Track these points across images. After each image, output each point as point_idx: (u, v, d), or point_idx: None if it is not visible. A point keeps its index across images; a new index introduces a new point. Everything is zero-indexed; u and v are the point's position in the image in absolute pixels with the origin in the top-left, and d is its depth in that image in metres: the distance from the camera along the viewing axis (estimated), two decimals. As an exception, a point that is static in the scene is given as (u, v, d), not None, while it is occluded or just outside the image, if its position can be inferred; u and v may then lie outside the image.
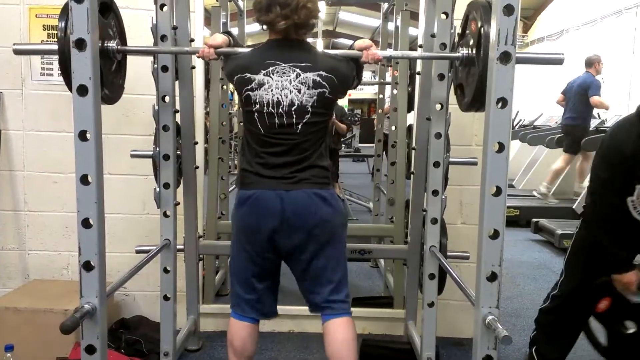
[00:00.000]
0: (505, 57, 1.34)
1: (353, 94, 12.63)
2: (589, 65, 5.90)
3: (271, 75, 1.72)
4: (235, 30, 3.95)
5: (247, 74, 1.73)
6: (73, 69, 1.41)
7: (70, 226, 2.79)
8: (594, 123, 6.15)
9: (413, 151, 2.42)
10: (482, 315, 1.42)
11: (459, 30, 1.89)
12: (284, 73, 1.71)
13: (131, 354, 2.34)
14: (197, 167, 2.40)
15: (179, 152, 2.24)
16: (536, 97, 9.42)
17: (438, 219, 2.21)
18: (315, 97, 1.72)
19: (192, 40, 2.28)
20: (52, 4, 2.68)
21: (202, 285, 2.83)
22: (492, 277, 1.42)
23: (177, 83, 2.21)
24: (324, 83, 1.73)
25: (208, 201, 3.18)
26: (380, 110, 4.29)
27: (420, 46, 2.33)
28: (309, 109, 1.73)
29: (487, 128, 1.39)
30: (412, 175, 2.43)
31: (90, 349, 1.46)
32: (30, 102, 2.74)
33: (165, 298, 2.18)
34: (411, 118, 3.13)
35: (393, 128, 3.44)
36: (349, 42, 1.92)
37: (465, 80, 1.81)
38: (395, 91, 3.45)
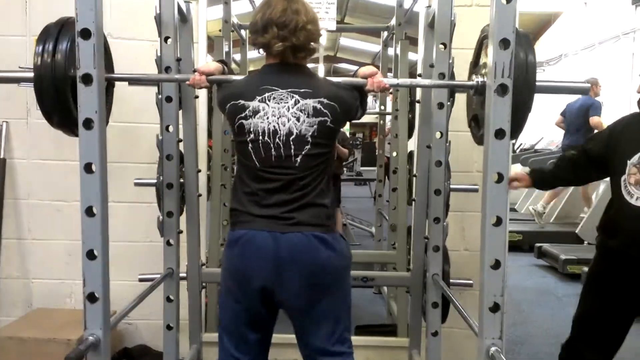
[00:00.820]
0: (502, 90, 1.36)
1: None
2: None
3: (267, 101, 1.57)
4: (238, 57, 4.01)
5: (240, 101, 1.59)
6: (80, 103, 1.43)
7: (74, 254, 2.80)
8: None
9: (414, 178, 2.44)
10: (486, 347, 1.42)
11: (470, 58, 1.82)
12: (282, 99, 1.57)
13: (133, 384, 2.33)
14: (200, 195, 2.42)
15: (182, 180, 2.26)
16: (536, 121, 9.47)
17: (440, 246, 2.21)
18: (315, 127, 1.57)
19: (195, 70, 2.32)
20: (58, 36, 2.73)
21: (204, 314, 2.82)
22: (495, 308, 1.42)
23: (180, 112, 2.24)
24: (325, 111, 1.58)
25: (210, 228, 3.19)
26: (381, 136, 4.32)
27: (419, 75, 2.36)
28: (309, 139, 1.57)
29: (485, 159, 1.41)
30: (413, 202, 2.44)
31: (94, 381, 1.45)
32: (35, 131, 2.78)
33: (168, 327, 2.17)
34: (412, 144, 3.16)
35: (394, 154, 3.47)
36: (351, 67, 1.88)
37: (481, 110, 1.65)
38: (396, 117, 3.49)
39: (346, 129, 11.61)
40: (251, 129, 1.58)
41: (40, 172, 2.79)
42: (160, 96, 2.12)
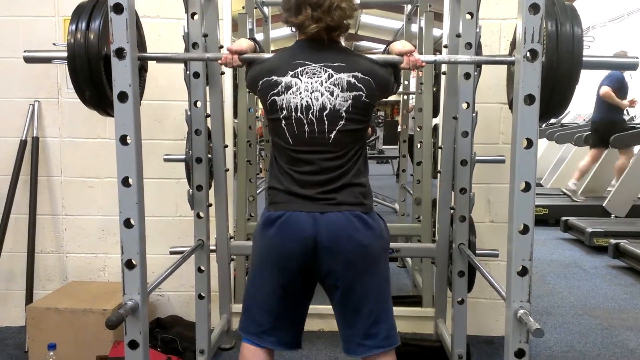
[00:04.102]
0: (532, 55, 1.36)
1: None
2: None
3: (300, 76, 1.52)
4: (260, 36, 4.02)
5: (273, 77, 1.54)
6: (114, 77, 1.47)
7: (107, 229, 2.88)
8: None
9: (439, 150, 2.44)
10: (514, 310, 1.44)
11: (497, 28, 1.73)
12: (315, 74, 1.52)
13: (168, 352, 2.41)
14: (227, 170, 2.47)
15: (210, 156, 2.30)
16: (562, 95, 9.30)
17: (466, 216, 2.23)
18: (350, 101, 1.51)
19: (222, 46, 2.35)
20: (86, 15, 2.78)
21: (233, 286, 2.89)
22: (523, 272, 1.44)
23: (207, 89, 2.28)
24: (359, 85, 1.52)
25: (237, 203, 3.24)
26: (404, 111, 4.30)
27: (445, 46, 2.35)
28: (343, 114, 1.52)
29: (515, 125, 1.42)
30: (438, 174, 2.45)
31: (133, 344, 1.52)
32: (66, 110, 2.85)
33: (200, 297, 2.24)
34: (435, 120, 3.16)
35: (418, 129, 3.46)
36: (372, 45, 1.80)
37: None
38: (420, 91, 3.47)
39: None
40: (284, 106, 1.53)
41: (72, 149, 2.86)
42: (188, 72, 2.16)
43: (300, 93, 1.52)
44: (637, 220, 5.17)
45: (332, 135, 1.52)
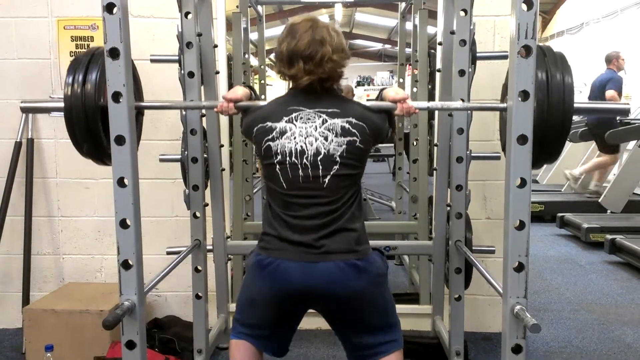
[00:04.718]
0: (526, 51, 1.36)
1: (371, 94, 12.66)
2: (609, 62, 5.85)
3: (294, 121, 1.53)
4: (254, 36, 4.02)
5: (268, 123, 1.55)
6: (108, 77, 1.47)
7: (103, 230, 2.87)
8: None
9: (435, 148, 2.45)
10: (510, 306, 1.44)
11: (491, 25, 1.74)
12: (309, 119, 1.53)
13: (165, 353, 2.41)
14: (224, 170, 2.46)
15: (205, 155, 2.30)
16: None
17: (463, 213, 2.23)
18: (344, 146, 1.51)
19: (216, 46, 2.34)
20: (79, 15, 2.78)
21: (230, 285, 2.89)
22: (519, 268, 1.44)
23: (202, 88, 2.27)
24: (354, 131, 1.52)
25: (234, 203, 3.25)
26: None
27: (440, 44, 2.35)
28: (337, 159, 1.51)
29: (509, 122, 1.42)
30: (434, 172, 2.45)
31: (131, 345, 1.52)
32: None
33: (197, 297, 2.24)
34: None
35: (413, 126, 3.47)
36: (367, 43, 1.81)
37: None
38: (415, 89, 3.47)
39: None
40: (278, 151, 1.53)
41: (67, 151, 2.84)
42: (183, 72, 2.16)
43: (294, 138, 1.52)
44: (633, 215, 5.19)
45: (326, 180, 1.52)
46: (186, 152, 2.21)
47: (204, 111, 2.28)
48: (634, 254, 3.99)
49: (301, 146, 1.51)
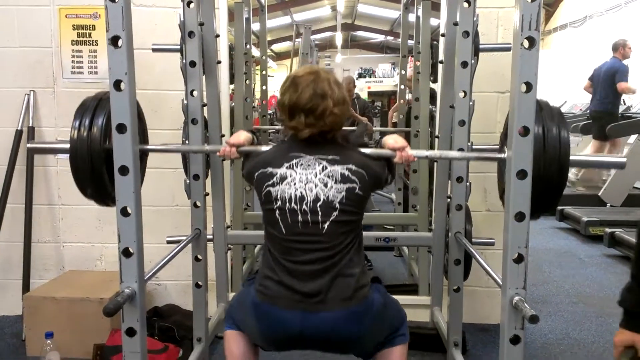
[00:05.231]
0: (529, 42, 1.36)
1: (372, 86, 12.61)
2: (615, 50, 5.82)
3: (294, 168, 1.56)
4: (256, 26, 4.00)
5: (268, 169, 1.58)
6: (109, 65, 1.46)
7: (103, 219, 2.88)
8: (621, 109, 6.08)
9: (436, 140, 2.45)
10: (509, 297, 1.45)
11: (495, 15, 1.73)
12: (309, 166, 1.56)
13: (165, 341, 2.42)
14: (224, 159, 2.46)
15: (206, 145, 2.30)
16: (560, 85, 9.31)
17: (463, 205, 2.24)
18: (343, 193, 1.53)
19: (218, 35, 2.34)
20: (81, 4, 2.77)
21: (230, 275, 2.90)
22: (519, 259, 1.45)
23: (203, 78, 2.27)
24: (353, 178, 1.55)
25: (234, 193, 3.25)
26: (402, 101, 4.30)
27: (443, 35, 2.34)
28: (337, 205, 1.53)
29: (512, 113, 1.42)
30: (435, 164, 2.45)
31: (131, 332, 1.52)
32: (62, 99, 2.84)
33: (197, 286, 2.24)
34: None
35: (415, 118, 3.47)
36: (369, 35, 1.81)
37: None
38: (417, 81, 3.47)
39: (364, 97, 11.56)
40: (278, 196, 1.55)
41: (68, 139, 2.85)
42: (184, 61, 2.15)
43: (294, 184, 1.55)
44: (632, 209, 5.20)
45: (325, 226, 1.53)
46: (187, 142, 2.21)
47: (205, 100, 2.27)
48: (633, 247, 3.99)
49: (301, 192, 1.53)
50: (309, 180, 1.54)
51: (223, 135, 2.44)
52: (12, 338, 2.69)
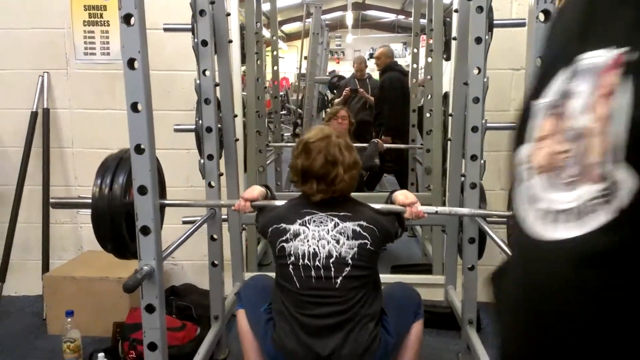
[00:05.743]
0: (545, 15, 1.34)
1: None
2: None
3: (307, 224, 1.62)
4: (266, 6, 3.97)
5: (282, 224, 1.64)
6: (122, 44, 1.47)
7: (119, 200, 2.90)
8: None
9: (450, 118, 2.43)
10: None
11: None
12: (322, 222, 1.61)
13: (183, 319, 2.45)
14: (237, 140, 2.47)
15: (219, 125, 2.30)
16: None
17: (477, 183, 2.22)
18: (355, 249, 1.59)
19: (229, 14, 2.33)
20: (92, -16, 2.76)
21: (245, 254, 2.93)
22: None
23: (215, 58, 2.26)
24: (364, 234, 1.60)
25: (247, 173, 3.26)
26: (414, 80, 4.26)
27: (456, 11, 2.32)
28: (349, 261, 1.58)
29: (526, 89, 1.40)
30: (449, 142, 2.44)
31: (150, 308, 1.55)
32: (75, 81, 2.85)
33: (214, 265, 2.27)
34: (446, 86, 3.12)
35: (429, 97, 3.44)
36: (380, 14, 1.81)
37: None
38: (429, 59, 3.43)
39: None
40: (292, 252, 1.60)
41: (83, 121, 2.87)
42: (196, 40, 2.15)
43: (307, 240, 1.60)
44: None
45: (338, 281, 1.57)
46: (200, 122, 2.21)
47: (217, 80, 2.27)
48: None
49: (314, 249, 1.58)
50: (321, 237, 1.59)
51: (236, 115, 2.44)
52: (34, 317, 2.74)
